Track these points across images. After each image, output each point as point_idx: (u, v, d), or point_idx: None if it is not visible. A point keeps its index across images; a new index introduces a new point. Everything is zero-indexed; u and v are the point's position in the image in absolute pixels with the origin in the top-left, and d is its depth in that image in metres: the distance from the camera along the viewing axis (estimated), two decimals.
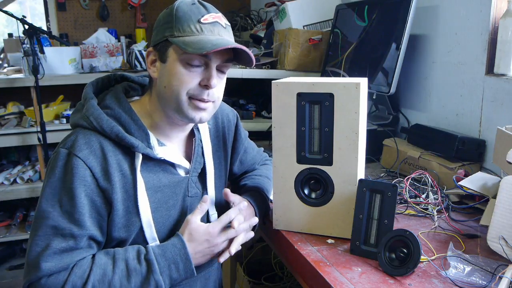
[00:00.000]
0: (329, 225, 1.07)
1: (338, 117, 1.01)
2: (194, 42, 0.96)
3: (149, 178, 1.03)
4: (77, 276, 0.92)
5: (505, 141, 1.09)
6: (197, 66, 0.99)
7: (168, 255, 0.98)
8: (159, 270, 0.96)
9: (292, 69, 2.06)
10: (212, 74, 1.00)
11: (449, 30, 1.56)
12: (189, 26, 0.98)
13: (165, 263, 0.97)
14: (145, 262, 0.96)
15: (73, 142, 0.96)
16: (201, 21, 0.98)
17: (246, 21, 3.16)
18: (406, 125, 1.74)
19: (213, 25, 0.99)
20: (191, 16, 0.98)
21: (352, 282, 0.87)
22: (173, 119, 1.06)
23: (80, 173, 0.94)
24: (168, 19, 1.00)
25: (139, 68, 3.10)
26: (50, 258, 0.91)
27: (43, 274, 0.91)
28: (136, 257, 0.97)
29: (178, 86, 0.99)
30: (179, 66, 0.99)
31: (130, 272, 0.94)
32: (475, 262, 0.90)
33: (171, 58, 1.00)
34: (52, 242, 0.92)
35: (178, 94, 0.99)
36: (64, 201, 0.93)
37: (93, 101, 1.02)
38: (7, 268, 2.92)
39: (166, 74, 1.00)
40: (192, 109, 1.01)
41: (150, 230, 1.02)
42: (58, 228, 0.93)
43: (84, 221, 0.94)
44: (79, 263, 0.94)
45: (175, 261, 0.98)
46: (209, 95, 1.01)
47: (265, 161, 1.40)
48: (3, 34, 3.50)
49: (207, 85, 1.00)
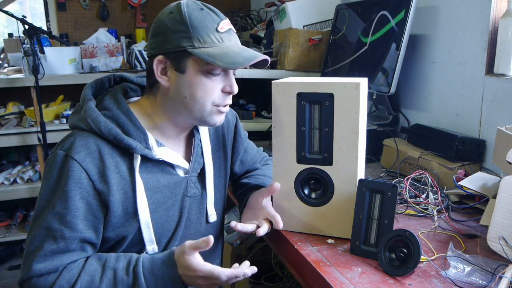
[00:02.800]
0: (329, 225, 1.07)
1: (338, 117, 1.01)
2: (221, 54, 0.96)
3: (148, 179, 1.03)
4: (65, 280, 0.93)
5: (505, 141, 1.09)
6: (217, 74, 1.01)
7: (156, 272, 0.95)
8: (146, 285, 0.94)
9: (292, 69, 2.06)
10: (233, 80, 1.03)
11: (449, 30, 1.55)
12: (209, 37, 0.98)
13: (152, 279, 0.94)
14: (133, 275, 0.95)
15: (71, 144, 0.97)
16: (219, 30, 0.99)
17: (246, 21, 3.16)
18: (406, 125, 1.74)
19: (229, 33, 1.01)
20: (207, 25, 0.98)
21: (352, 282, 0.87)
22: (182, 123, 1.06)
23: (76, 175, 0.94)
24: (181, 28, 0.97)
25: (139, 68, 3.10)
26: (41, 259, 0.92)
27: (34, 274, 0.92)
28: (125, 267, 0.96)
29: (204, 97, 1.00)
30: (201, 76, 0.99)
31: (117, 283, 0.94)
32: (475, 262, 0.90)
33: (192, 69, 0.99)
34: (44, 243, 0.93)
35: (204, 104, 1.01)
36: (58, 203, 0.94)
37: (91, 103, 1.02)
38: (7, 268, 2.92)
39: (186, 85, 1.00)
40: (216, 115, 1.04)
41: (148, 231, 1.02)
42: (50, 229, 0.93)
43: (76, 223, 0.94)
44: (69, 266, 0.94)
45: (163, 278, 0.95)
46: (230, 99, 1.05)
47: (266, 161, 1.40)
48: (3, 34, 3.49)
49: (230, 92, 1.03)
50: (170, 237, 1.08)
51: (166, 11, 1.02)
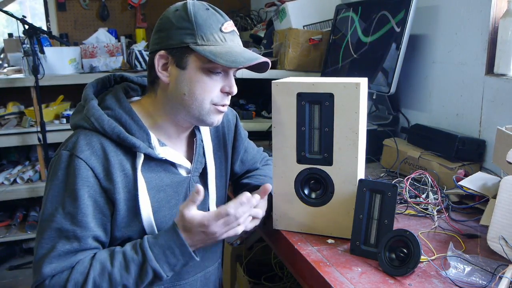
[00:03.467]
0: (329, 225, 1.07)
1: (338, 117, 1.01)
2: (223, 53, 0.97)
3: (151, 178, 1.03)
4: (79, 272, 0.93)
5: (505, 141, 1.09)
6: (218, 73, 1.01)
7: (161, 241, 0.96)
8: (155, 258, 0.95)
9: (292, 69, 2.06)
10: (232, 81, 1.04)
11: (449, 30, 1.56)
12: (213, 35, 0.98)
13: (159, 250, 0.95)
14: (141, 251, 0.95)
15: (74, 143, 0.97)
16: (223, 30, 1.00)
17: (246, 21, 3.16)
18: (406, 125, 1.74)
19: (232, 34, 1.02)
20: (212, 25, 0.99)
21: (352, 282, 0.87)
22: (181, 122, 1.06)
23: (83, 174, 0.94)
24: (185, 24, 0.98)
25: (139, 68, 3.10)
26: (55, 260, 0.92)
27: (47, 276, 0.92)
28: (132, 247, 0.97)
29: (202, 94, 1.01)
30: (202, 74, 1.00)
31: (128, 263, 0.94)
32: (475, 262, 0.90)
33: (193, 66, 0.99)
34: (57, 244, 0.93)
35: (202, 102, 1.01)
36: (67, 203, 0.94)
37: (94, 102, 1.02)
38: (7, 268, 2.92)
39: (186, 82, 1.00)
40: (214, 114, 1.04)
41: (151, 230, 1.02)
42: (62, 230, 0.93)
43: (88, 222, 0.94)
44: (81, 260, 0.95)
45: (170, 246, 0.96)
46: (229, 99, 1.05)
47: (267, 161, 1.40)
48: (3, 34, 3.49)
49: (229, 92, 1.03)
50: None
51: (172, 8, 1.03)
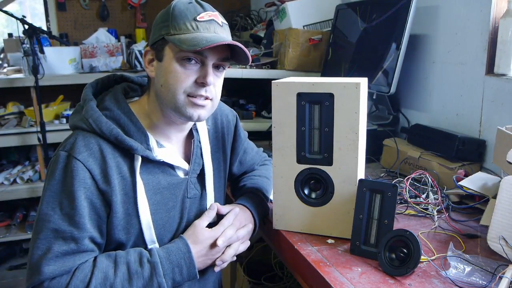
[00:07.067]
0: (329, 225, 1.07)
1: (338, 117, 1.01)
2: (189, 39, 0.96)
3: (149, 180, 1.03)
4: (79, 279, 0.92)
5: (505, 141, 1.09)
6: (193, 64, 0.99)
7: (173, 258, 0.98)
8: (163, 273, 0.96)
9: (292, 69, 2.06)
10: (208, 71, 1.00)
11: (449, 30, 1.55)
12: (185, 24, 0.98)
13: (169, 266, 0.97)
14: (148, 265, 0.96)
15: (72, 144, 0.97)
16: (197, 19, 0.98)
17: (246, 21, 3.15)
18: (406, 125, 1.74)
19: (209, 23, 0.99)
20: (187, 14, 0.98)
21: (352, 282, 0.87)
22: (171, 118, 1.06)
23: (80, 175, 0.94)
24: (164, 18, 1.00)
25: (139, 68, 3.10)
26: (52, 261, 0.91)
27: (45, 277, 0.91)
28: (138, 260, 0.97)
29: (175, 84, 0.99)
30: (175, 64, 0.99)
31: (132, 275, 0.94)
32: (475, 262, 0.90)
33: (167, 57, 1.00)
34: (53, 245, 0.92)
35: (175, 92, 0.99)
36: (64, 204, 0.93)
37: (92, 103, 1.02)
38: (7, 268, 2.92)
39: (162, 73, 1.01)
40: (190, 107, 1.01)
41: (149, 232, 1.02)
42: (58, 231, 0.93)
43: (84, 223, 0.94)
44: (81, 266, 0.94)
45: (179, 264, 0.98)
46: (206, 91, 1.01)
47: (264, 161, 1.40)
48: (3, 34, 3.49)
49: (203, 82, 1.00)
50: (171, 238, 1.08)
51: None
